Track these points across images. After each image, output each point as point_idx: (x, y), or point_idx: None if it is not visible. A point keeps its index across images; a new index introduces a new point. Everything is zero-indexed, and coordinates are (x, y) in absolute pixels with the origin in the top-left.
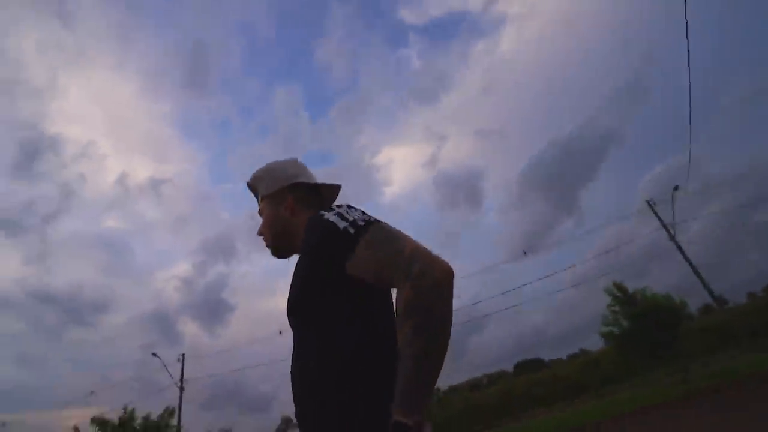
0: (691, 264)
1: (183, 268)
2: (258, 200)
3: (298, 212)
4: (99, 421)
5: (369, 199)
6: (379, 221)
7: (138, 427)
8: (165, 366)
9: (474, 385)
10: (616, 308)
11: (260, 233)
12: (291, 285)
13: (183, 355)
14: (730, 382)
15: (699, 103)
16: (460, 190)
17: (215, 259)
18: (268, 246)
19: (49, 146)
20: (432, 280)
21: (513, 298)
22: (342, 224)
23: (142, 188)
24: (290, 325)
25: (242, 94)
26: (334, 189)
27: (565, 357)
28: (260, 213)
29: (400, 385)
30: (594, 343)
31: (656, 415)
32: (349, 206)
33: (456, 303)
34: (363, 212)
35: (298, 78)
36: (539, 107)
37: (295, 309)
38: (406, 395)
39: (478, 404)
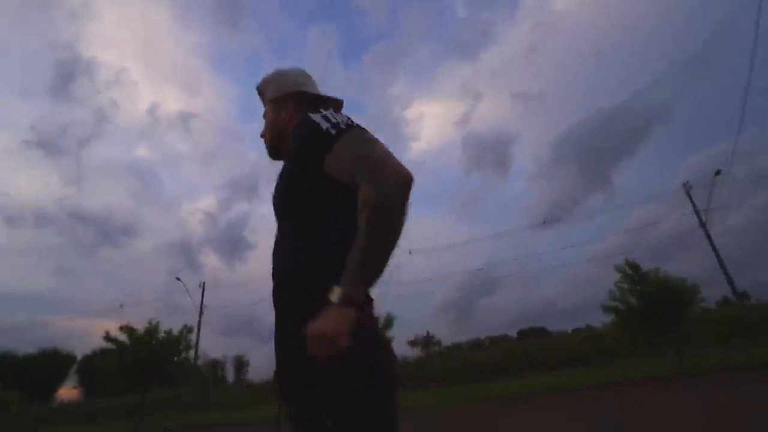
0: (716, 253)
1: (208, 202)
2: (264, 104)
3: (296, 118)
4: (128, 329)
5: (393, 152)
6: (360, 126)
7: (161, 339)
8: (187, 290)
9: (475, 345)
10: (625, 285)
11: (262, 135)
12: (276, 183)
13: (203, 282)
14: (732, 368)
15: (760, 88)
16: (490, 152)
17: (239, 197)
18: (266, 146)
19: (84, 70)
20: (391, 180)
21: (527, 266)
22: (325, 125)
23: (172, 120)
24: (276, 218)
25: (275, 32)
26: (337, 103)
27: (569, 331)
28: (264, 116)
29: (348, 267)
30: (602, 321)
31: (641, 389)
32: (335, 112)
33: (470, 264)
34: (348, 118)
35: (333, 20)
36: (586, 74)
37: (279, 204)
38: (351, 275)
39: (478, 362)
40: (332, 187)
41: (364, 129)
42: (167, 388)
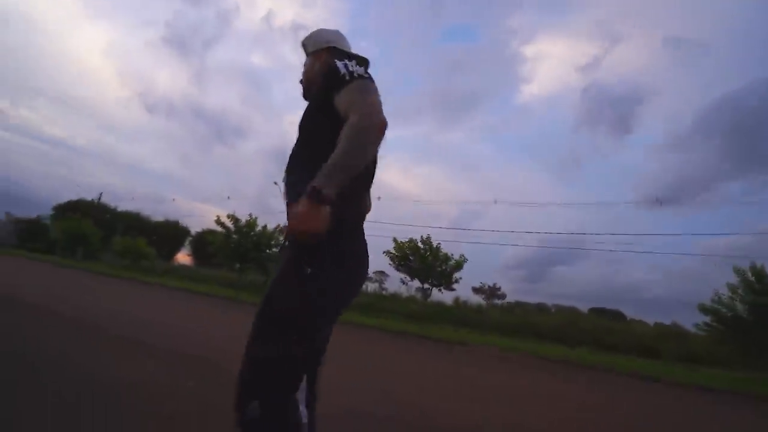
0: None
1: None
2: (306, 56)
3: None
4: (233, 218)
5: (499, 93)
6: (370, 79)
7: (257, 232)
8: (282, 195)
9: (540, 309)
10: (739, 290)
11: (301, 81)
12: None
13: None
14: None
15: None
16: (612, 109)
17: None
18: (302, 90)
19: None
20: (371, 117)
21: (620, 244)
22: (342, 71)
23: (285, 31)
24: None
25: None
26: (364, 62)
27: (651, 324)
28: (304, 65)
29: (325, 167)
30: (693, 323)
31: (700, 395)
32: (357, 62)
33: (556, 227)
34: (365, 69)
35: None
36: None
37: (300, 124)
38: (327, 173)
39: (538, 324)
40: (337, 118)
41: (370, 82)
42: (259, 274)
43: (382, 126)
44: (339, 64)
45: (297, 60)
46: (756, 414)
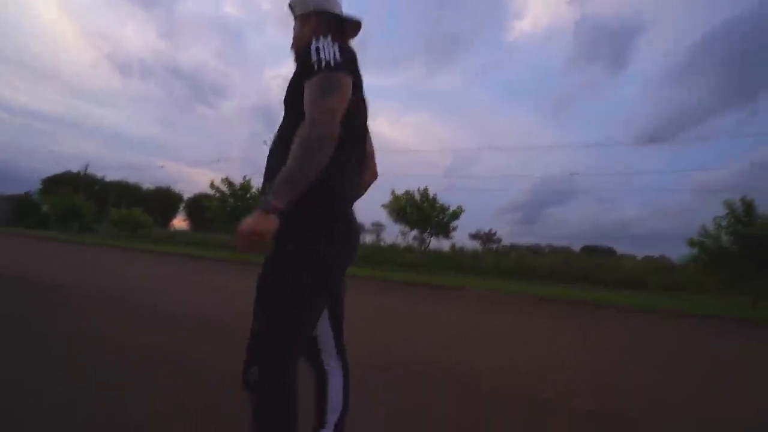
0: None
1: (288, 69)
2: (294, 18)
3: (317, 33)
4: (228, 182)
5: (490, 32)
6: (337, 69)
7: (253, 194)
8: None
9: (535, 251)
10: (725, 222)
11: (292, 47)
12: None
13: None
14: None
15: None
16: (605, 44)
17: None
18: (294, 55)
19: None
20: (320, 131)
21: (612, 183)
22: (314, 58)
23: None
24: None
25: None
26: (356, 25)
27: (639, 258)
28: (293, 29)
29: (277, 179)
30: (681, 255)
31: (689, 323)
32: (331, 44)
33: (548, 170)
34: (336, 55)
35: None
36: None
37: (284, 100)
38: (277, 185)
39: (533, 266)
40: None
41: (337, 74)
42: None
43: (330, 137)
44: (312, 47)
45: (271, 7)
46: (741, 335)
